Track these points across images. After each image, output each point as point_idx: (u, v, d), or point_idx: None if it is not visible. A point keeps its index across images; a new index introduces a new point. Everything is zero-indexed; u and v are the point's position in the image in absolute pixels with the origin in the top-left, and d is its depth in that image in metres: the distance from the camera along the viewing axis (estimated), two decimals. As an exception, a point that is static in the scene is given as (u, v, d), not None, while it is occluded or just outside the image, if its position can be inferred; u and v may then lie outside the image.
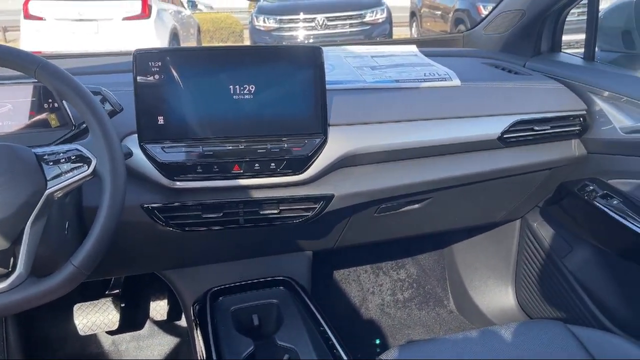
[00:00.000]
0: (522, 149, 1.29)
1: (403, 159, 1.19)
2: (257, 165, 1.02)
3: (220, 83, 0.98)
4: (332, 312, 1.45)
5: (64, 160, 0.78)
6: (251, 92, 0.99)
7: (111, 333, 1.71)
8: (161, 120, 0.97)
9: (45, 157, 0.77)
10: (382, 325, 1.89)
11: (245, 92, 0.99)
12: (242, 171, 1.02)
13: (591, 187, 1.32)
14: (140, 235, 1.11)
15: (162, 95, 0.96)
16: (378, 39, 6.75)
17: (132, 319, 1.69)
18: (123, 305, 1.64)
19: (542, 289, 1.63)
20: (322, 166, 1.07)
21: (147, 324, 1.77)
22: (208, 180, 1.02)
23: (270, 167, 1.03)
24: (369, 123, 1.13)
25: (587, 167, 1.36)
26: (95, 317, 1.60)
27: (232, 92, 0.99)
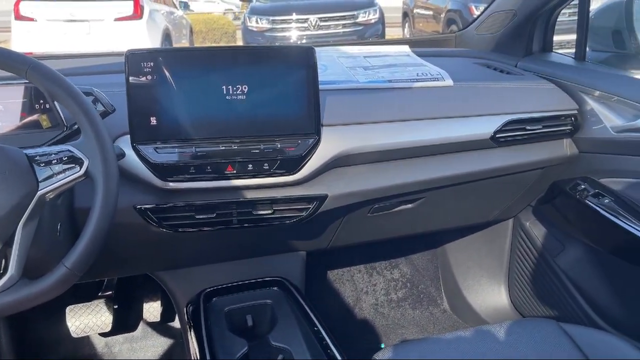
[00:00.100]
0: (514, 148, 1.30)
1: (396, 159, 1.19)
2: (250, 165, 1.02)
3: (213, 83, 0.98)
4: (326, 312, 1.45)
5: (55, 161, 0.77)
6: (244, 92, 0.99)
7: (104, 335, 1.70)
8: (154, 120, 0.97)
9: (37, 158, 0.77)
10: (376, 325, 1.90)
11: (238, 92, 0.99)
12: (235, 172, 1.02)
13: (583, 186, 1.33)
14: (133, 237, 1.11)
15: (154, 95, 0.96)
16: (371, 40, 6.76)
17: (125, 320, 1.68)
18: (116, 306, 1.63)
19: (534, 287, 1.64)
20: (316, 166, 1.07)
21: (140, 326, 1.76)
22: (201, 181, 1.02)
23: (264, 167, 1.02)
24: (362, 123, 1.13)
25: (578, 166, 1.37)
26: (88, 319, 1.59)
27: (225, 93, 0.98)
